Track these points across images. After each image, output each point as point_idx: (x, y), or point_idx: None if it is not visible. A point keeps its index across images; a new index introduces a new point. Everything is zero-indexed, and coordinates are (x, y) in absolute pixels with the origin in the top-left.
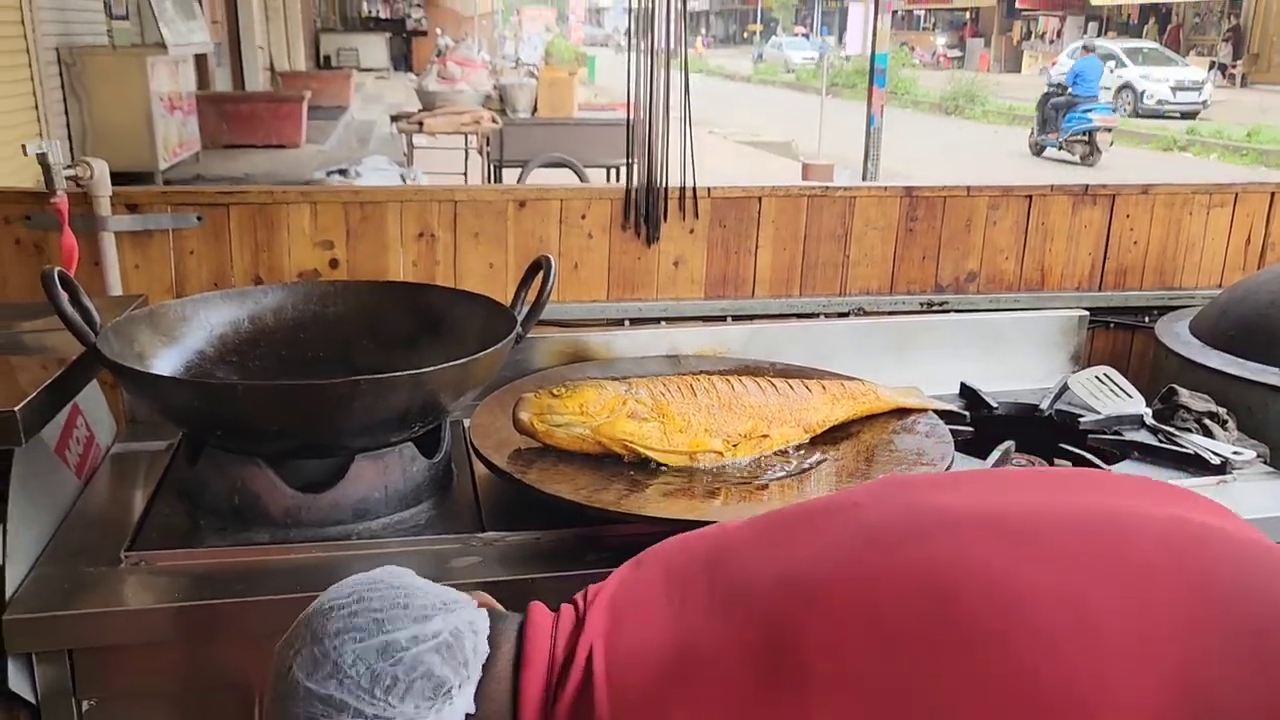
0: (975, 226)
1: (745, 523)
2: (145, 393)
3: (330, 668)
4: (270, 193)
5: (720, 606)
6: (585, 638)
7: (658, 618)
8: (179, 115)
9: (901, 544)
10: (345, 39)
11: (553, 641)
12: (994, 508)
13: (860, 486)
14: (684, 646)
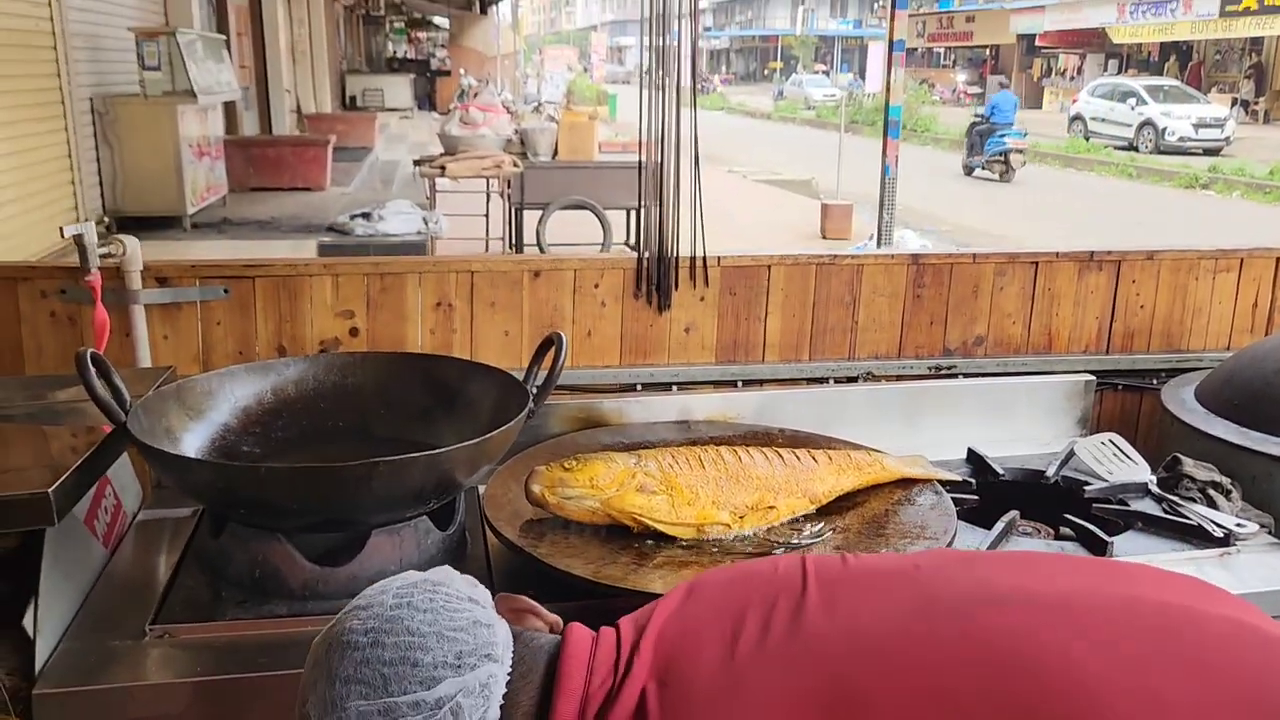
0: (982, 292)
1: (797, 564)
2: (171, 472)
3: (336, 718)
4: (293, 265)
5: (778, 652)
6: (636, 676)
7: (710, 657)
8: (207, 160)
9: (974, 613)
10: (370, 80)
11: (589, 675)
12: (1060, 589)
13: (917, 552)
14: (737, 687)
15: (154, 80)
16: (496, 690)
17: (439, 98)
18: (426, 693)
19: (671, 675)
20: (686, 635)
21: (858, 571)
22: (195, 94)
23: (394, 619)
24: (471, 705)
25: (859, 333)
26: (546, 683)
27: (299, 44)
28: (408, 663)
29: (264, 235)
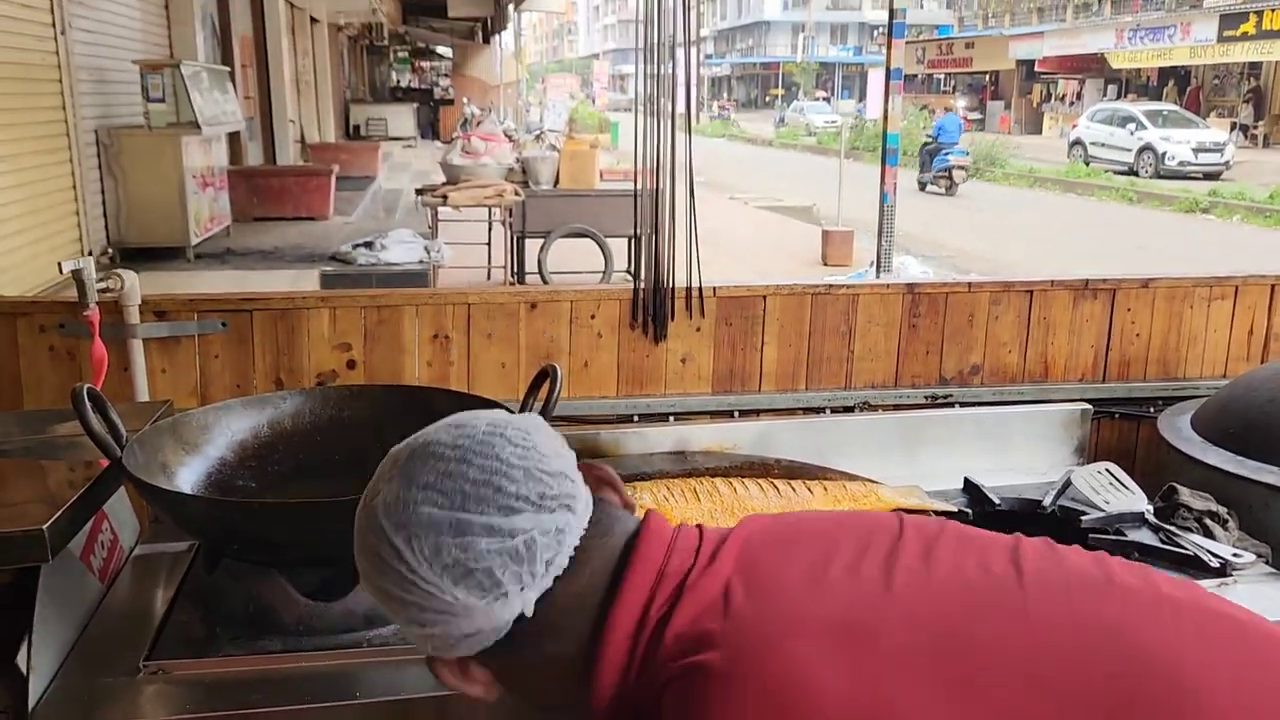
0: (978, 321)
1: (894, 517)
2: (165, 508)
3: (405, 518)
4: (291, 298)
5: (869, 585)
6: (720, 568)
7: (798, 572)
8: (211, 191)
9: (1074, 594)
10: (374, 109)
11: (668, 554)
12: (1158, 590)
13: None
14: (822, 603)
15: (158, 112)
16: (570, 539)
17: (443, 126)
18: (503, 519)
19: (757, 578)
20: (775, 547)
21: (955, 534)
22: (199, 125)
23: (486, 443)
24: (545, 544)
25: (855, 362)
26: (623, 552)
27: (303, 74)
28: (491, 486)
29: (267, 265)
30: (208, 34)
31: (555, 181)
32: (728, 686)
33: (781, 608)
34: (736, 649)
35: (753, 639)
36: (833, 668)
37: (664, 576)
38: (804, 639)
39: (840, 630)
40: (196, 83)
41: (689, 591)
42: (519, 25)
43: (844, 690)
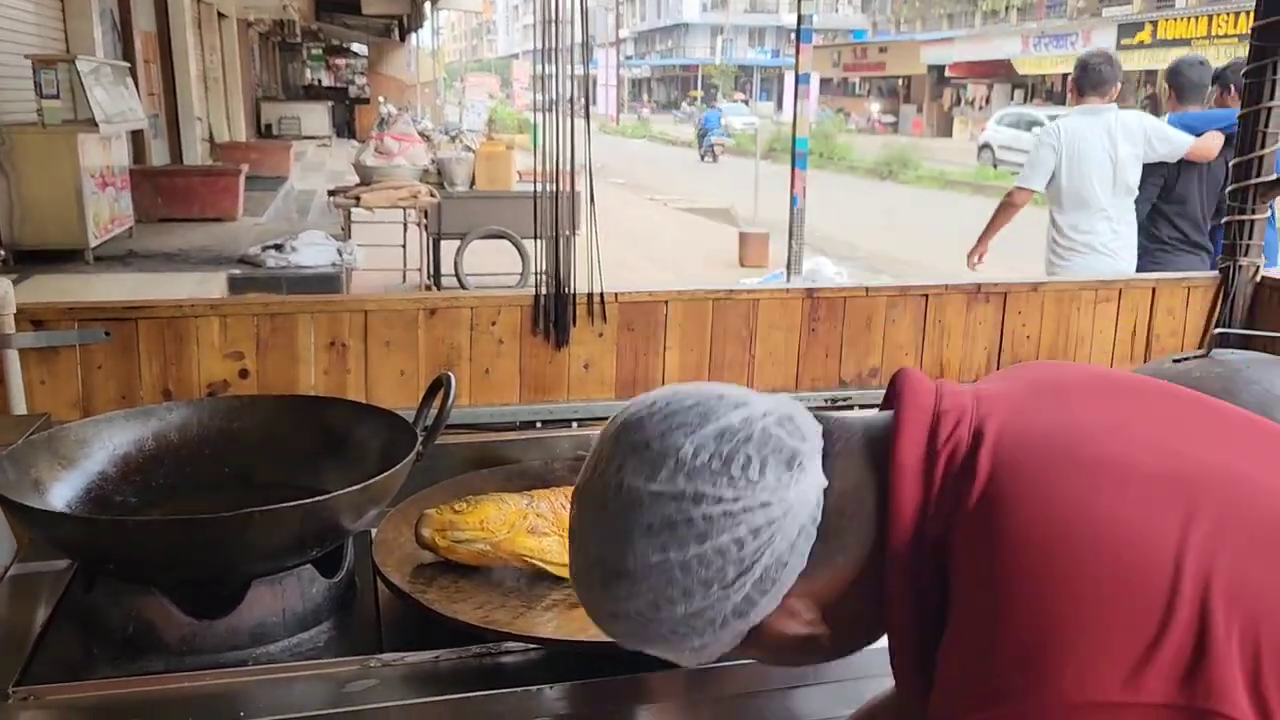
0: (875, 325)
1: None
2: (34, 526)
3: (674, 464)
4: (179, 305)
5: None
6: (987, 410)
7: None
8: (111, 191)
9: None
10: (287, 107)
11: (938, 398)
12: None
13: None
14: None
15: (53, 109)
16: (802, 410)
17: (359, 125)
18: (747, 410)
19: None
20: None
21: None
22: (97, 123)
23: (671, 394)
24: (797, 414)
25: (756, 366)
26: (890, 418)
27: (211, 71)
28: (712, 398)
29: (171, 268)
30: (107, 28)
31: (471, 183)
32: (1018, 515)
33: (1091, 448)
34: (1033, 479)
35: (1058, 472)
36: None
37: (941, 413)
38: (1117, 481)
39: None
40: (95, 79)
41: (976, 422)
42: (436, 23)
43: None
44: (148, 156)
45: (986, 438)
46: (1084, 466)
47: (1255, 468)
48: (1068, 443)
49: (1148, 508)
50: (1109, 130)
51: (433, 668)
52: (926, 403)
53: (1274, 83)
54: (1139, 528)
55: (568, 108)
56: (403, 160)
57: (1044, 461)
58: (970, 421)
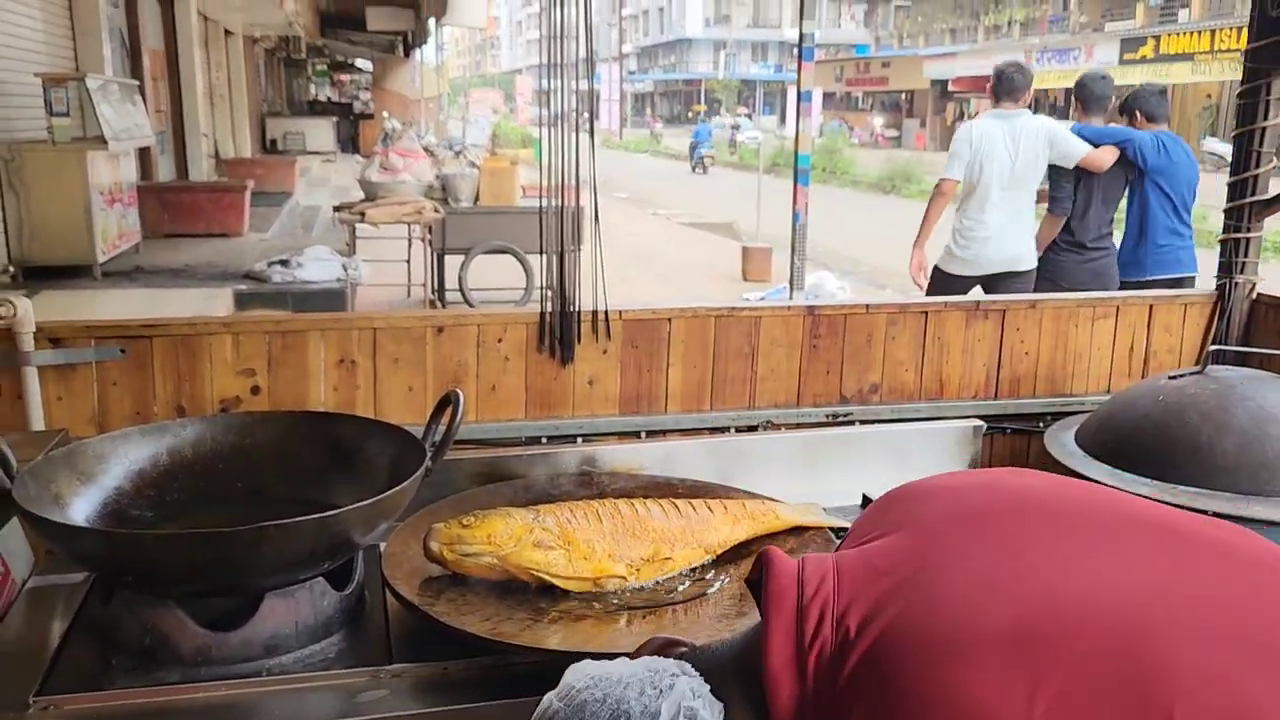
0: (875, 341)
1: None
2: (55, 540)
3: None
4: (192, 324)
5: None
6: (850, 596)
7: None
8: (119, 207)
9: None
10: (292, 123)
11: (800, 591)
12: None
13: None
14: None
15: (62, 126)
16: (702, 690)
17: (363, 140)
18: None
19: (918, 585)
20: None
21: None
22: (106, 140)
23: (578, 706)
24: (701, 705)
25: (758, 383)
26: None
27: (217, 88)
28: (621, 717)
29: (178, 283)
30: (116, 46)
31: (475, 198)
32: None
33: (946, 619)
34: (896, 670)
35: (913, 659)
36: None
37: (805, 607)
38: (969, 658)
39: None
40: (102, 96)
41: (842, 610)
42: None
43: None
44: (155, 172)
45: (851, 633)
46: (939, 648)
47: (1118, 590)
48: (922, 626)
49: (999, 682)
50: (1014, 132)
51: (441, 678)
52: (790, 601)
53: (1268, 103)
54: (991, 704)
55: (572, 122)
56: (407, 176)
57: (903, 651)
58: (833, 615)
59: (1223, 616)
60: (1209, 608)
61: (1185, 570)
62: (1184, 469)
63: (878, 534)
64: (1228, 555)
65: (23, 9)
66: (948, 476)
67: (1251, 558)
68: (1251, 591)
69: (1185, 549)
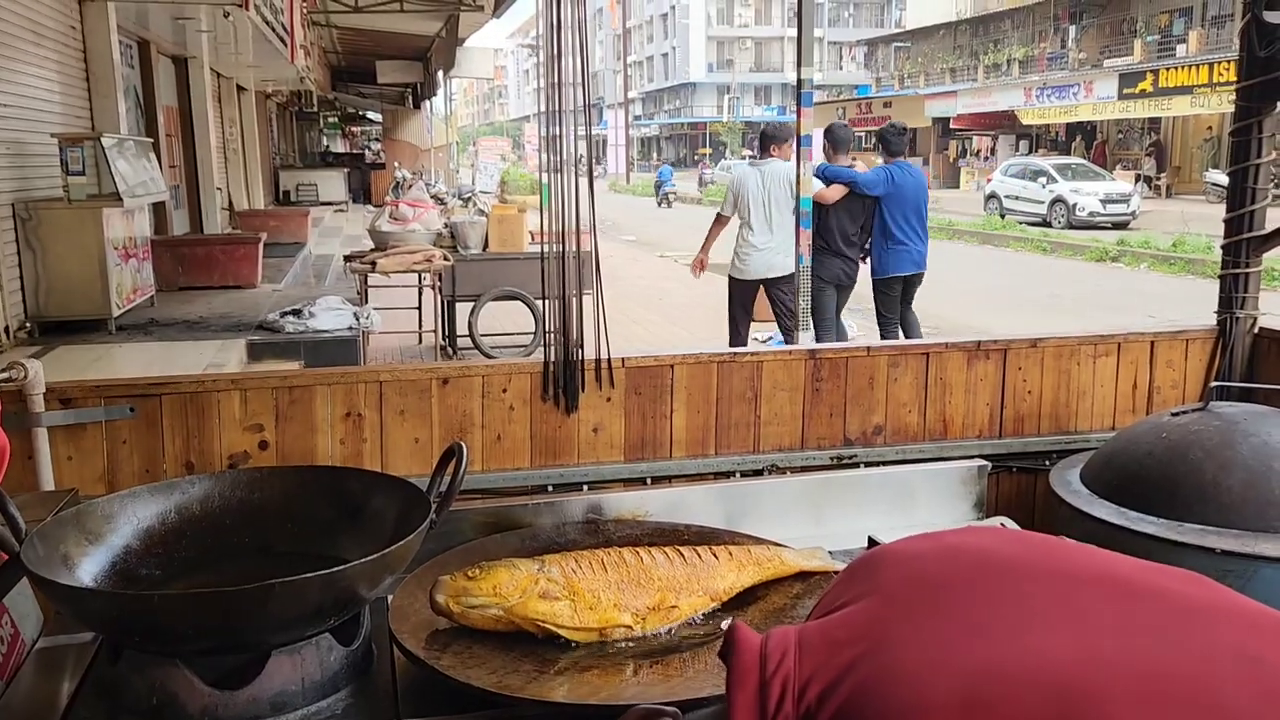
0: (878, 383)
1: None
2: (62, 602)
3: None
4: (201, 381)
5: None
6: (810, 671)
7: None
8: (134, 262)
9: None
10: (304, 175)
11: (762, 667)
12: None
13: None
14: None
15: (78, 185)
16: None
17: (374, 190)
18: None
19: (880, 652)
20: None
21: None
22: (121, 197)
23: None
24: None
25: (762, 426)
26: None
27: (230, 142)
28: None
29: (192, 336)
30: (131, 105)
31: (484, 245)
32: None
33: (901, 691)
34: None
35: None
36: None
37: (767, 683)
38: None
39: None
40: (117, 154)
41: (802, 685)
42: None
43: None
44: (169, 227)
45: (812, 707)
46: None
47: (1064, 652)
48: (878, 699)
49: None
50: (763, 176)
51: None
52: (753, 678)
53: (1260, 140)
54: None
55: (574, 169)
56: (417, 225)
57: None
58: (794, 690)
59: (1171, 678)
60: (1158, 668)
61: (1137, 631)
62: (1190, 507)
63: (841, 604)
64: (1187, 613)
65: (41, 71)
66: (913, 541)
67: (1211, 615)
68: (1206, 652)
69: (1140, 608)
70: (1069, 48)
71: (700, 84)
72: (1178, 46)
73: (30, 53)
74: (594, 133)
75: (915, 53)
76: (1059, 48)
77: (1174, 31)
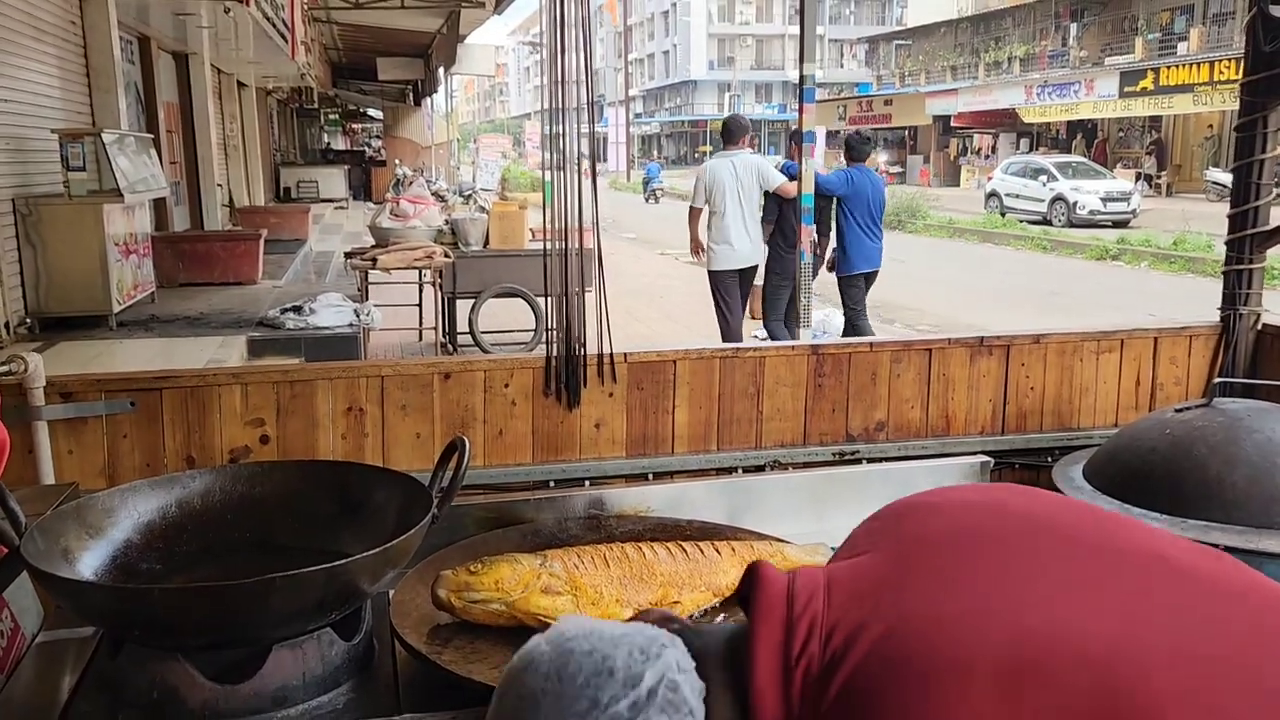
0: (880, 379)
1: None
2: (62, 596)
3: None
4: (202, 375)
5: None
6: (839, 615)
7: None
8: (134, 258)
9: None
10: (305, 171)
11: (789, 604)
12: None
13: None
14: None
15: (79, 180)
16: (689, 666)
17: (375, 187)
18: (636, 690)
19: (912, 600)
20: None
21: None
22: (121, 193)
23: (564, 653)
24: (682, 684)
25: (764, 422)
26: (735, 639)
27: (231, 138)
28: (604, 673)
29: (193, 332)
30: (131, 101)
31: (485, 242)
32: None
33: (938, 642)
34: (881, 692)
35: (899, 682)
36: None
37: (794, 621)
38: (957, 684)
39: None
40: (118, 150)
41: (830, 627)
42: (450, 87)
43: None
44: (169, 223)
45: (838, 650)
46: (925, 676)
47: (1105, 621)
48: (907, 652)
49: (983, 711)
50: (734, 167)
51: None
52: (779, 614)
53: (1265, 136)
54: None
55: (576, 166)
56: (418, 222)
57: (890, 672)
58: (821, 631)
59: (1214, 659)
60: (1201, 647)
61: (1181, 610)
62: (1193, 503)
63: (873, 549)
64: (1229, 596)
65: (41, 67)
66: (952, 492)
67: (1252, 598)
68: (1248, 633)
69: (1184, 587)
70: (1070, 45)
71: (701, 81)
72: (1179, 44)
73: (31, 48)
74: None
75: (916, 50)
76: (1060, 45)
77: (1175, 29)
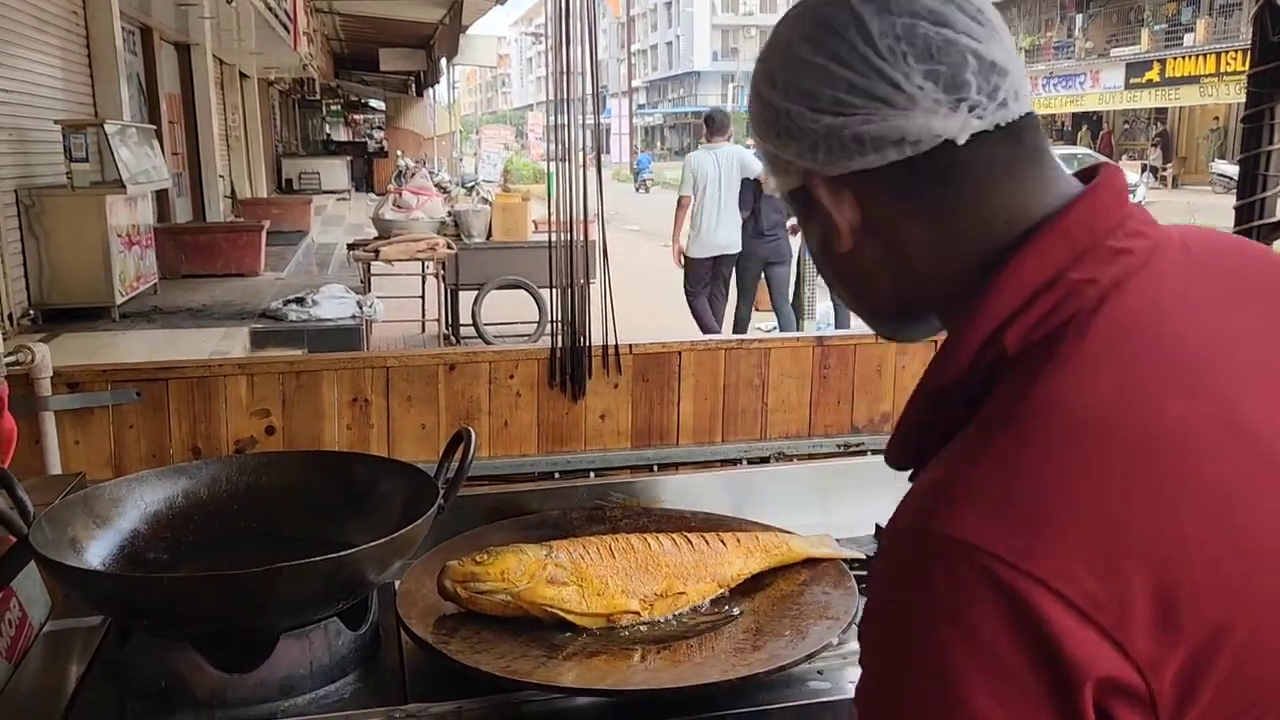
0: (886, 371)
1: None
2: (71, 585)
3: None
4: (207, 365)
5: None
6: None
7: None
8: (137, 249)
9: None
10: (307, 163)
11: (1108, 226)
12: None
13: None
14: None
15: (81, 172)
16: (1018, 105)
17: (377, 178)
18: (981, 29)
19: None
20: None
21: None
22: (124, 184)
23: None
24: (1008, 83)
25: (769, 414)
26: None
27: (233, 130)
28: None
29: (195, 323)
30: (134, 91)
31: (488, 234)
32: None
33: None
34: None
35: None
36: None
37: (1095, 245)
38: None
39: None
40: (121, 141)
41: (1117, 277)
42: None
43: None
44: (172, 214)
45: (1115, 297)
46: (1187, 393)
47: None
48: (1194, 362)
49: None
50: (718, 159)
51: (456, 718)
52: (1099, 222)
53: (1272, 127)
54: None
55: (580, 157)
56: (420, 214)
57: (1154, 361)
58: (1114, 274)
59: None
60: None
61: None
62: None
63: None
64: None
65: (43, 58)
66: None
67: None
68: None
69: None
70: (1075, 37)
71: (705, 72)
72: (1185, 35)
73: (33, 38)
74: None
75: None
76: (1065, 37)
77: (1182, 20)
